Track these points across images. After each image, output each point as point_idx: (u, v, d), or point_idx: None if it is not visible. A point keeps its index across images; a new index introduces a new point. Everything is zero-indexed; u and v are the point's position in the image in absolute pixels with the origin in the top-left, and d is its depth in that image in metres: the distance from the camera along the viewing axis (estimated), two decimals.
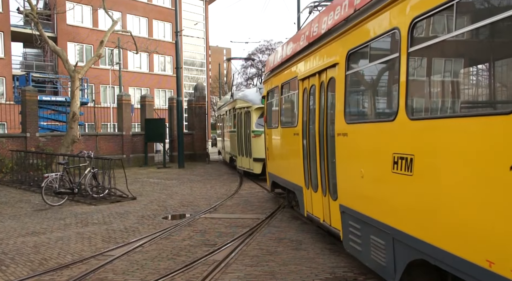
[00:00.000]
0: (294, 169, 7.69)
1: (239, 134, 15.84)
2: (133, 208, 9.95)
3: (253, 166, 14.28)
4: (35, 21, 15.85)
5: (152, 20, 38.47)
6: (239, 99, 15.93)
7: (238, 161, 16.22)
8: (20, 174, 14.95)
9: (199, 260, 5.83)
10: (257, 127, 13.88)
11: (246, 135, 14.80)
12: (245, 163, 15.17)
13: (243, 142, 15.29)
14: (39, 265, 5.78)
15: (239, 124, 15.72)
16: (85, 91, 25.23)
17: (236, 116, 16.44)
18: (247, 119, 14.66)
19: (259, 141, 13.58)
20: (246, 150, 14.85)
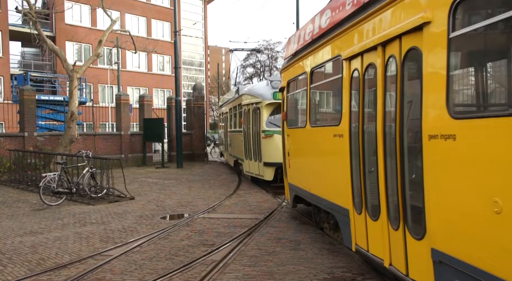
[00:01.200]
0: (333, 183, 5.88)
1: (246, 135, 13.99)
2: (131, 208, 9.93)
3: (263, 171, 12.44)
4: (34, 20, 15.81)
5: (150, 20, 38.42)
6: (246, 94, 14.01)
7: (245, 166, 14.23)
8: (18, 174, 14.91)
9: (197, 260, 5.82)
10: (268, 126, 12.22)
11: (254, 136, 12.97)
12: (254, 168, 13.32)
13: (251, 144, 13.36)
14: (37, 265, 5.77)
15: (246, 123, 13.90)
16: (84, 90, 25.17)
17: (242, 114, 14.48)
18: (256, 117, 12.83)
19: (270, 143, 12.04)
20: (255, 153, 13.00)
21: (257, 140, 12.66)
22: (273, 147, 11.80)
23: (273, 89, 12.00)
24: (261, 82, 15.68)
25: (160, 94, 38.93)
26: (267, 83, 12.95)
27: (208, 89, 53.39)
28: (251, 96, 13.36)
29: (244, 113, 14.08)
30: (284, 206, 9.80)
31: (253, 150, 13.17)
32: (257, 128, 12.69)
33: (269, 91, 12.36)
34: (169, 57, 38.39)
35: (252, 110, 13.11)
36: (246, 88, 14.69)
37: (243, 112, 14.14)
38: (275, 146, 11.51)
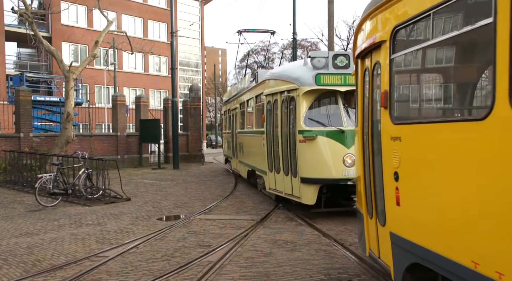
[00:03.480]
0: None
1: (270, 137, 10.01)
2: (127, 209, 9.91)
3: (299, 190, 8.59)
4: (30, 20, 15.76)
5: (147, 21, 38.40)
6: (272, 80, 10.09)
7: (268, 180, 10.21)
8: (13, 175, 14.84)
9: (193, 262, 5.82)
10: (309, 124, 8.47)
11: (285, 139, 9.18)
12: (282, 185, 9.39)
13: (278, 150, 9.49)
14: (32, 266, 5.75)
15: (271, 120, 9.96)
16: (80, 91, 25.09)
17: (264, 107, 10.45)
18: (288, 111, 9.06)
19: (312, 149, 8.33)
20: (285, 164, 9.17)
21: (290, 144, 8.91)
22: (316, 156, 8.30)
23: (316, 70, 8.50)
24: (294, 62, 11.76)
25: (156, 95, 38.88)
26: (304, 62, 9.08)
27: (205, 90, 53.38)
28: (280, 82, 9.51)
29: (268, 106, 10.16)
30: (281, 207, 9.79)
31: (283, 159, 9.28)
32: (290, 128, 8.96)
33: (310, 73, 8.57)
34: (166, 58, 38.38)
35: (282, 102, 9.29)
36: (272, 72, 10.65)
37: (266, 105, 10.22)
38: (319, 153, 8.25)
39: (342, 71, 8.39)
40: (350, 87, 8.36)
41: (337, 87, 8.47)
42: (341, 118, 8.40)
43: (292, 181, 8.90)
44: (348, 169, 7.98)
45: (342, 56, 8.46)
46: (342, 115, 8.41)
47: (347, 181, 7.68)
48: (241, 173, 14.60)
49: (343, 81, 8.45)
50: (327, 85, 8.44)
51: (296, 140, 8.59)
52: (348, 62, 8.37)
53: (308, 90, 8.55)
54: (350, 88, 8.36)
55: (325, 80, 8.43)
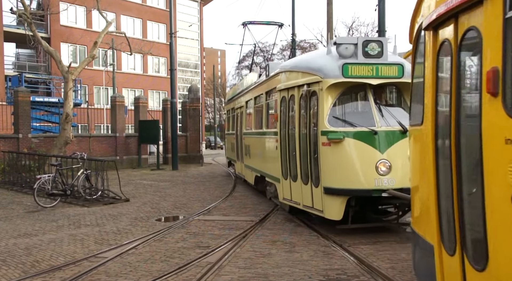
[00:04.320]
0: None
1: (285, 139, 8.56)
2: (126, 210, 9.91)
3: (322, 203, 7.23)
4: (28, 21, 15.76)
5: (146, 21, 38.39)
6: (288, 72, 8.63)
7: (282, 189, 8.78)
8: (12, 176, 14.82)
9: (192, 262, 5.82)
10: (334, 123, 7.14)
11: (304, 141, 7.78)
12: (300, 195, 7.97)
13: (296, 154, 8.02)
14: (31, 267, 5.74)
15: (287, 119, 8.52)
16: (79, 92, 25.07)
17: (278, 105, 8.93)
18: (309, 109, 7.67)
19: (339, 153, 7.01)
20: (305, 170, 7.76)
21: (310, 148, 7.56)
22: (344, 162, 6.98)
23: (342, 59, 7.14)
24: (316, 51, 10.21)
25: (155, 96, 38.87)
26: (328, 50, 7.73)
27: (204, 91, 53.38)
28: (299, 74, 8.12)
29: (282, 103, 8.74)
30: (279, 208, 9.80)
31: (301, 165, 7.88)
32: (310, 128, 7.60)
33: (335, 63, 7.20)
34: (165, 59, 38.37)
35: (300, 98, 7.89)
36: (285, 63, 9.52)
37: (280, 101, 8.80)
38: (347, 159, 6.95)
39: (373, 60, 7.12)
40: (383, 79, 7.18)
41: (367, 80, 7.15)
42: (373, 117, 7.07)
43: (312, 191, 7.51)
44: (382, 178, 6.74)
45: (373, 43, 7.15)
46: (373, 113, 7.12)
47: (381, 192, 6.67)
48: (246, 178, 13.17)
49: (375, 72, 7.15)
50: (356, 77, 7.11)
51: (318, 143, 7.22)
52: (381, 50, 7.14)
53: (334, 83, 7.15)
54: (383, 81, 7.19)
55: (354, 71, 7.08)
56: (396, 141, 6.93)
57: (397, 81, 7.30)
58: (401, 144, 6.89)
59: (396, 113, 7.26)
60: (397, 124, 7.00)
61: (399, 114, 7.22)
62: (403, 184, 6.56)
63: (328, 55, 7.59)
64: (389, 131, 6.99)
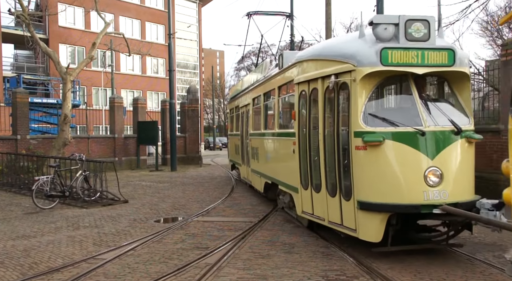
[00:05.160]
0: None
1: (305, 141, 7.26)
2: (125, 211, 9.89)
3: (356, 220, 5.95)
4: (27, 22, 15.74)
5: (145, 22, 38.35)
6: (310, 61, 7.18)
7: (301, 201, 7.45)
8: (10, 177, 14.78)
9: (191, 264, 5.81)
10: (371, 122, 5.87)
11: (330, 144, 6.51)
12: (324, 208, 6.69)
13: (320, 160, 6.71)
14: (29, 269, 5.72)
15: (307, 117, 7.23)
16: (77, 93, 25.03)
17: (296, 100, 7.58)
18: (337, 105, 6.39)
19: (377, 159, 5.77)
20: (331, 179, 6.53)
21: (339, 152, 6.26)
22: (384, 170, 5.73)
23: (381, 43, 5.86)
24: (344, 35, 7.91)
25: (154, 97, 38.83)
26: (360, 32, 6.31)
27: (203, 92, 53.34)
28: (323, 62, 6.71)
29: (301, 98, 7.41)
30: (279, 209, 9.79)
31: (326, 172, 6.60)
32: (339, 128, 6.30)
33: (372, 48, 5.90)
34: (163, 60, 38.33)
35: (325, 91, 6.59)
36: (304, 51, 7.98)
37: (299, 97, 7.45)
38: (389, 166, 5.72)
39: (419, 44, 5.83)
40: (430, 68, 5.87)
41: (411, 68, 5.81)
42: (419, 114, 5.80)
43: (341, 206, 6.22)
44: (432, 190, 5.48)
45: (419, 23, 5.83)
46: (419, 109, 5.83)
47: (432, 208, 5.43)
48: (254, 184, 11.72)
49: (420, 59, 5.83)
50: (397, 65, 5.82)
51: (351, 146, 5.93)
52: (428, 31, 5.83)
53: (370, 73, 5.82)
54: (430, 69, 5.89)
55: (395, 57, 5.79)
56: (448, 143, 5.73)
57: (447, 69, 5.97)
58: (454, 147, 5.75)
59: (446, 110, 6.05)
60: (449, 122, 5.81)
61: (449, 111, 6.04)
62: (457, 198, 5.52)
63: (361, 39, 6.19)
64: (440, 131, 5.73)
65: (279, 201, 9.55)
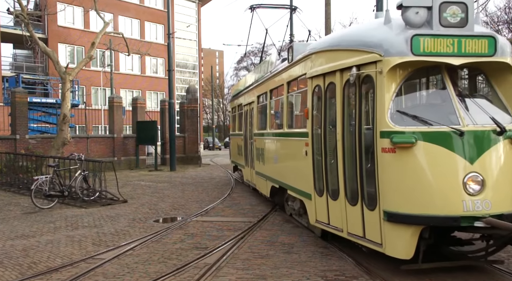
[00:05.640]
0: None
1: (320, 142, 6.54)
2: (124, 211, 9.88)
3: (382, 234, 5.21)
4: (26, 22, 15.71)
5: (144, 22, 38.32)
6: (326, 51, 6.45)
7: (315, 208, 6.74)
8: (9, 177, 14.77)
9: (190, 264, 5.81)
10: (400, 121, 5.15)
11: (351, 145, 5.80)
12: (343, 218, 5.98)
13: (338, 164, 6.00)
14: (28, 269, 5.72)
15: (322, 115, 6.47)
16: (76, 93, 25.04)
17: (309, 97, 6.89)
18: (359, 101, 5.68)
19: (408, 163, 5.04)
20: (351, 185, 5.81)
21: (361, 155, 5.54)
22: (417, 175, 5.01)
23: (411, 29, 5.13)
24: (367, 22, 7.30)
25: (153, 97, 38.81)
26: (387, 17, 5.56)
27: (202, 92, 53.34)
28: (342, 53, 5.99)
29: (316, 94, 6.70)
30: (278, 209, 9.79)
31: (345, 177, 5.86)
32: (361, 128, 5.56)
33: (401, 35, 5.18)
34: (163, 60, 38.29)
35: (344, 85, 5.89)
36: (319, 42, 7.43)
37: (312, 92, 6.73)
38: (423, 171, 4.99)
39: (455, 31, 5.06)
40: (468, 58, 5.12)
41: (447, 59, 5.08)
42: (455, 111, 5.07)
43: (364, 216, 5.49)
44: (472, 199, 4.78)
45: (455, 6, 5.08)
46: (455, 105, 5.10)
47: (473, 220, 4.73)
48: (259, 188, 11.00)
49: (457, 48, 5.07)
50: (431, 54, 5.06)
51: (376, 148, 5.18)
52: (465, 16, 5.06)
53: (399, 63, 5.08)
54: (468, 60, 5.13)
55: (428, 46, 5.03)
56: (490, 145, 4.96)
57: (487, 60, 5.20)
58: (496, 149, 4.98)
59: (485, 106, 5.30)
60: (490, 121, 5.06)
61: (489, 108, 5.29)
62: (502, 208, 4.81)
63: (387, 25, 5.41)
64: (480, 131, 4.98)
65: (287, 208, 8.91)
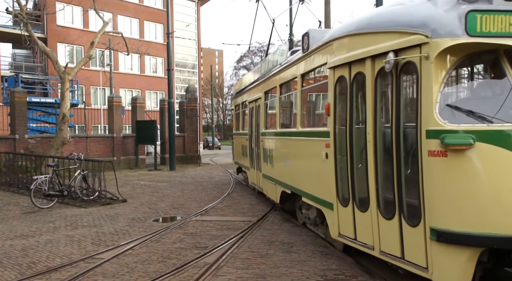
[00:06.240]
0: None
1: (344, 143, 5.54)
2: (123, 211, 9.88)
3: (428, 255, 4.19)
4: (25, 21, 15.68)
5: (143, 21, 38.28)
6: (353, 36, 5.37)
7: (338, 220, 5.78)
8: (8, 177, 14.75)
9: (189, 263, 5.80)
10: (452, 118, 4.07)
11: (388, 148, 4.73)
12: (374, 233, 4.96)
13: (368, 169, 4.99)
14: (27, 269, 5.71)
15: (348, 111, 5.45)
16: (75, 92, 25.01)
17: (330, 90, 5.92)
18: (396, 94, 4.59)
19: (463, 171, 3.96)
20: (384, 195, 4.82)
21: (399, 159, 4.56)
22: (477, 185, 3.95)
23: (465, 4, 4.08)
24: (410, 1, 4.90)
25: (153, 96, 38.77)
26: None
27: (201, 91, 53.31)
28: (377, 36, 4.92)
29: (339, 87, 5.77)
30: (278, 209, 9.78)
31: (377, 186, 4.91)
32: (399, 125, 4.58)
33: (452, 11, 4.13)
34: (162, 59, 38.24)
35: (377, 74, 4.93)
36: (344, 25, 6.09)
37: (335, 85, 5.80)
38: (484, 180, 3.94)
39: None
40: None
41: (510, 40, 4.08)
42: None
43: (403, 232, 4.50)
44: None
45: None
46: None
47: None
48: (267, 192, 10.04)
49: None
50: (491, 35, 4.08)
51: (420, 151, 4.22)
52: None
53: (450, 46, 4.08)
54: None
55: (487, 24, 4.05)
56: None
57: None
58: None
59: None
60: None
61: None
62: None
63: (430, 1, 4.37)
64: None
65: (300, 216, 7.98)
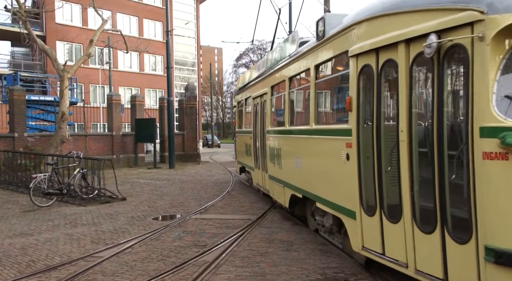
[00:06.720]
0: None
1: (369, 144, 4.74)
2: (122, 209, 9.87)
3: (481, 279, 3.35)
4: (23, 19, 15.64)
5: (142, 19, 38.22)
6: (383, 16, 4.46)
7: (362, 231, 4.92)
8: (7, 175, 14.75)
9: (189, 261, 5.80)
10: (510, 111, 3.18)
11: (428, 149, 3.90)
12: (409, 249, 4.12)
13: (401, 174, 4.17)
14: (27, 267, 5.70)
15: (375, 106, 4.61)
16: (75, 90, 24.97)
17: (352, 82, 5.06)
18: (438, 85, 3.74)
19: None
20: (420, 204, 4.04)
21: (441, 162, 3.71)
22: None
23: None
24: None
25: (152, 94, 38.74)
26: None
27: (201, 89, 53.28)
28: (413, 16, 3.99)
29: (365, 77, 4.92)
30: (277, 207, 9.78)
31: (412, 193, 4.08)
32: (443, 122, 3.73)
33: None
34: (161, 57, 38.21)
35: (413, 62, 4.05)
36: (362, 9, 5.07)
37: (359, 75, 4.95)
38: None
39: None
40: None
41: None
42: None
43: (446, 250, 3.73)
44: None
45: None
46: None
47: None
48: (273, 195, 9.26)
49: None
50: None
51: (473, 152, 3.44)
52: None
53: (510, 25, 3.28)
54: None
55: None
56: None
57: None
58: None
59: None
60: None
61: None
62: None
63: None
64: None
65: (313, 222, 7.28)
